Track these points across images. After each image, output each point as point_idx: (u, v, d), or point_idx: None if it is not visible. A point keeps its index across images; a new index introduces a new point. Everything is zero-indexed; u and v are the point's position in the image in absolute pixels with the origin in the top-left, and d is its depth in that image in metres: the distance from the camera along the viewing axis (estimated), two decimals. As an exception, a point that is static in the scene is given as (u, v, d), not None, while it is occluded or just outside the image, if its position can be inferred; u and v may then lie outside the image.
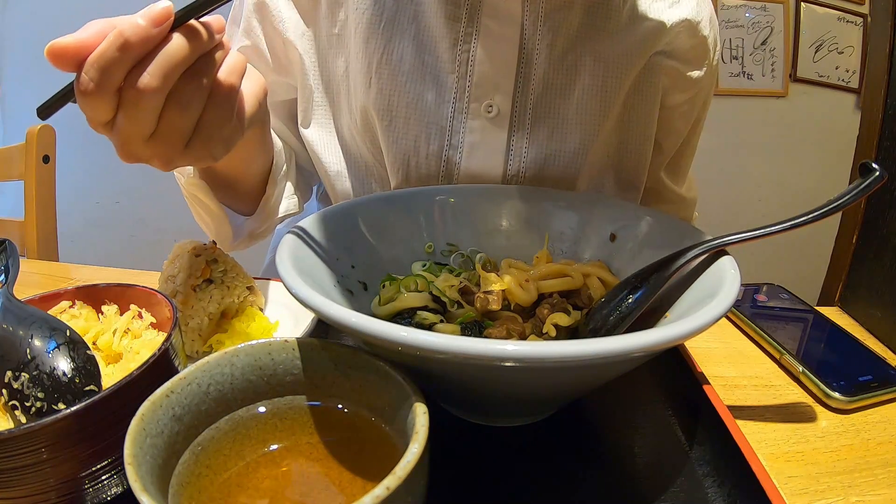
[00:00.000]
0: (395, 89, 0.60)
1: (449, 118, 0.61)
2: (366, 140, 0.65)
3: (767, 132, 2.09)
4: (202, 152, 0.39)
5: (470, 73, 0.60)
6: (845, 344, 0.57)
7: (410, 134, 0.62)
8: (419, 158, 0.62)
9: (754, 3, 2.00)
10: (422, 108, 0.61)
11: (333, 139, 0.69)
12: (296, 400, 0.36)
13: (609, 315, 0.44)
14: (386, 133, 0.62)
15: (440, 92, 0.60)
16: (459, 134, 0.61)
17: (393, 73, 0.60)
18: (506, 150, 0.62)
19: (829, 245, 0.80)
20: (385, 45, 0.60)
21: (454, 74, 0.60)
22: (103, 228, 2.14)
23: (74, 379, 0.36)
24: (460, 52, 0.59)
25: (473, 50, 0.59)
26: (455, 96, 0.60)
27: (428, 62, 0.60)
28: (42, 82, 1.77)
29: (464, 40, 0.59)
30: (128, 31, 0.33)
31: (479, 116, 0.61)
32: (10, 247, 0.46)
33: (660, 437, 0.44)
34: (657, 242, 0.49)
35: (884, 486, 0.40)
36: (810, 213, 0.42)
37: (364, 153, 0.67)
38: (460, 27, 0.58)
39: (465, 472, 0.40)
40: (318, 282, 0.44)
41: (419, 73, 0.60)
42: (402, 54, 0.60)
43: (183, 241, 0.56)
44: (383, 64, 0.60)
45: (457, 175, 0.63)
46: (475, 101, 0.60)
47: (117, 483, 0.34)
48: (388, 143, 0.63)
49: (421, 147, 0.62)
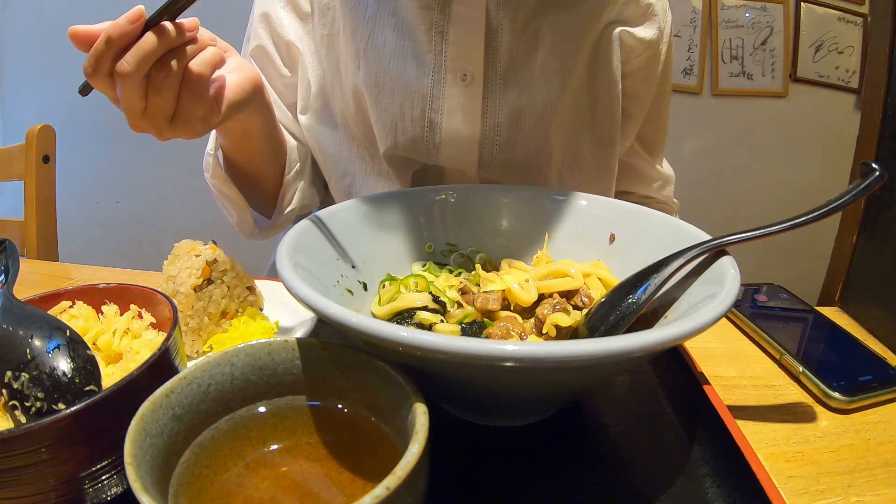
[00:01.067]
0: (381, 68, 0.69)
1: (430, 87, 0.69)
2: (357, 122, 0.73)
3: (767, 132, 2.09)
4: (184, 128, 0.49)
5: (445, 51, 0.68)
6: (845, 344, 0.57)
7: (396, 102, 0.70)
8: (405, 122, 0.70)
9: (754, 3, 2.00)
10: (405, 81, 0.69)
11: (328, 127, 0.77)
12: (296, 400, 0.36)
13: (609, 315, 0.44)
14: (375, 104, 0.70)
15: (420, 67, 0.69)
16: (440, 100, 0.69)
17: (378, 55, 0.69)
18: (482, 109, 0.70)
19: (829, 245, 0.80)
20: (369, 34, 0.69)
21: (431, 53, 0.68)
22: (103, 228, 2.14)
23: (74, 379, 0.36)
24: (435, 35, 0.68)
25: (446, 32, 0.68)
26: (433, 69, 0.69)
27: (408, 46, 0.69)
28: (42, 82, 1.79)
29: (437, 25, 0.68)
30: (110, 29, 0.43)
31: (455, 84, 0.69)
32: (10, 247, 0.46)
33: (660, 437, 0.44)
34: (657, 242, 0.49)
35: (884, 486, 0.40)
36: (810, 212, 0.42)
37: (357, 135, 0.75)
38: (434, 14, 0.67)
39: (465, 472, 0.40)
40: (318, 282, 0.44)
41: (401, 55, 0.69)
42: (384, 41, 0.69)
43: (183, 241, 0.56)
44: (369, 49, 0.69)
45: (439, 135, 0.70)
46: (451, 73, 0.69)
47: (117, 483, 0.34)
48: (376, 112, 0.70)
49: (406, 112, 0.70)
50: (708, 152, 2.06)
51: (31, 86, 2.03)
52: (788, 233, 0.41)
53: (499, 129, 0.71)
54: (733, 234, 0.43)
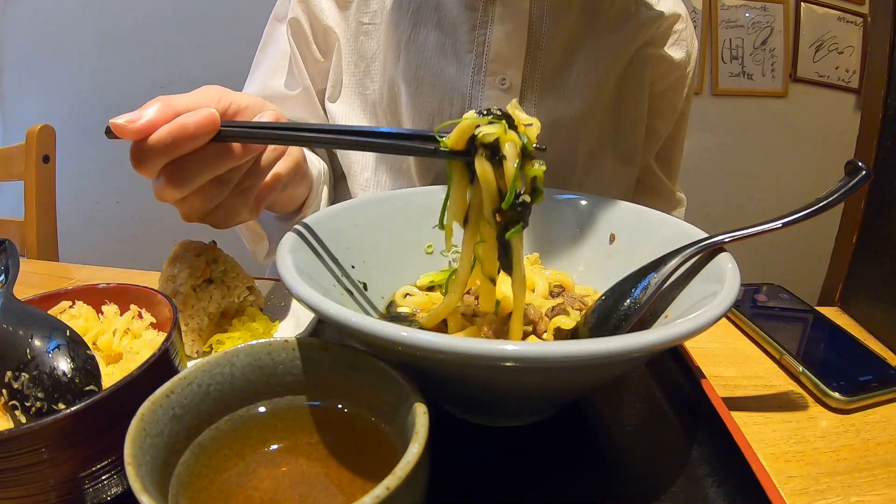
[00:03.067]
0: (422, 63, 0.70)
1: (469, 86, 0.70)
2: (388, 113, 0.74)
3: (767, 132, 2.09)
4: (215, 224, 0.48)
5: (486, 52, 0.69)
6: (845, 344, 0.57)
7: (435, 98, 0.70)
8: (443, 118, 0.70)
9: (754, 3, 2.00)
10: (445, 78, 0.70)
11: (357, 114, 0.76)
12: (296, 400, 0.36)
13: (609, 315, 0.44)
14: (413, 98, 0.70)
15: (460, 66, 0.70)
16: (479, 100, 0.70)
17: (419, 50, 0.70)
18: None
19: (829, 245, 0.80)
20: (412, 28, 0.70)
21: (472, 53, 0.69)
22: (103, 228, 2.14)
23: (74, 379, 0.36)
24: (478, 35, 0.69)
25: (489, 33, 0.68)
26: (473, 70, 0.70)
27: (449, 44, 0.70)
28: (42, 82, 1.79)
29: (481, 25, 0.68)
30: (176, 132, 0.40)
31: (494, 87, 0.70)
32: (10, 247, 0.46)
33: (660, 437, 0.44)
34: (657, 242, 0.49)
35: (884, 486, 0.40)
36: (799, 211, 0.42)
37: (383, 126, 0.75)
38: (477, 15, 0.68)
39: (465, 472, 0.40)
40: (318, 282, 0.44)
41: (441, 52, 0.70)
42: (426, 37, 0.70)
43: (183, 241, 0.56)
44: (410, 43, 0.70)
45: None
46: (491, 75, 0.69)
47: (117, 483, 0.34)
48: (414, 106, 0.71)
49: (445, 109, 0.70)
50: (708, 152, 2.06)
51: (31, 86, 2.03)
52: (788, 233, 0.41)
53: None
54: (726, 233, 0.43)
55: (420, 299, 0.52)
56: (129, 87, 1.91)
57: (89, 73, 1.96)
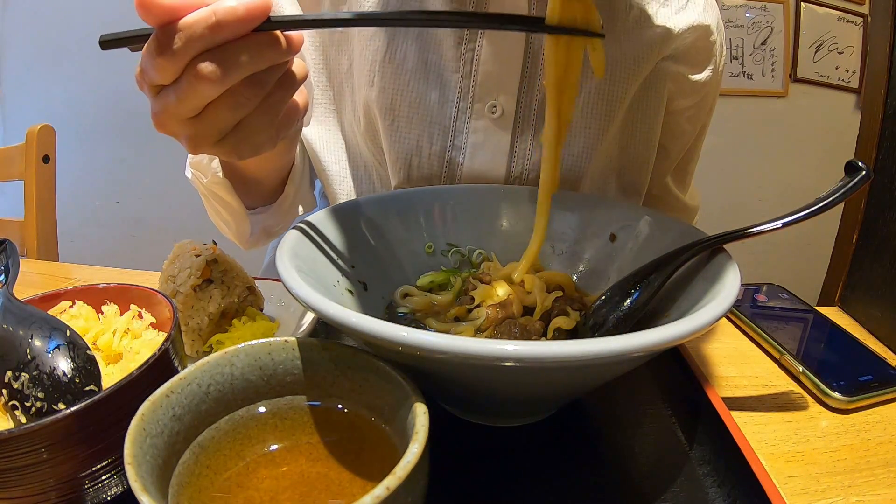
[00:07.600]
0: (398, 88, 0.60)
1: (452, 118, 0.60)
2: (367, 139, 0.65)
3: (767, 132, 2.09)
4: (230, 149, 0.39)
5: (474, 72, 0.59)
6: (845, 344, 0.57)
7: (413, 133, 0.61)
8: (421, 158, 0.62)
9: (754, 3, 2.00)
10: (425, 108, 0.60)
11: (333, 138, 0.68)
12: (296, 400, 0.36)
13: (609, 315, 0.44)
14: (388, 132, 0.61)
15: (444, 91, 0.60)
16: (463, 134, 0.60)
17: (396, 71, 0.59)
18: (509, 151, 0.61)
19: (829, 245, 0.80)
20: (388, 42, 0.59)
21: (458, 74, 0.59)
22: (103, 228, 2.14)
23: (74, 379, 0.36)
24: (465, 51, 0.58)
25: (478, 49, 0.58)
26: (459, 96, 0.59)
27: (431, 61, 0.59)
28: (42, 82, 1.79)
29: (469, 39, 0.58)
30: (221, 14, 0.32)
31: (482, 117, 0.60)
32: (10, 247, 0.46)
33: (660, 437, 0.44)
34: (657, 242, 0.49)
35: (884, 486, 0.40)
36: (798, 211, 0.42)
37: (364, 153, 0.67)
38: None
39: (465, 472, 0.40)
40: (318, 282, 0.44)
41: (422, 72, 0.60)
42: (405, 52, 0.59)
43: (183, 241, 0.56)
44: (386, 62, 0.59)
45: (459, 176, 0.63)
46: (479, 102, 0.60)
47: (117, 483, 0.34)
48: (390, 142, 0.62)
49: (423, 147, 0.61)
50: (708, 152, 2.05)
51: (31, 86, 2.03)
52: (788, 233, 0.41)
53: (526, 176, 0.62)
54: (726, 233, 0.43)
55: (420, 299, 0.52)
56: (129, 87, 1.91)
57: (89, 73, 1.96)
